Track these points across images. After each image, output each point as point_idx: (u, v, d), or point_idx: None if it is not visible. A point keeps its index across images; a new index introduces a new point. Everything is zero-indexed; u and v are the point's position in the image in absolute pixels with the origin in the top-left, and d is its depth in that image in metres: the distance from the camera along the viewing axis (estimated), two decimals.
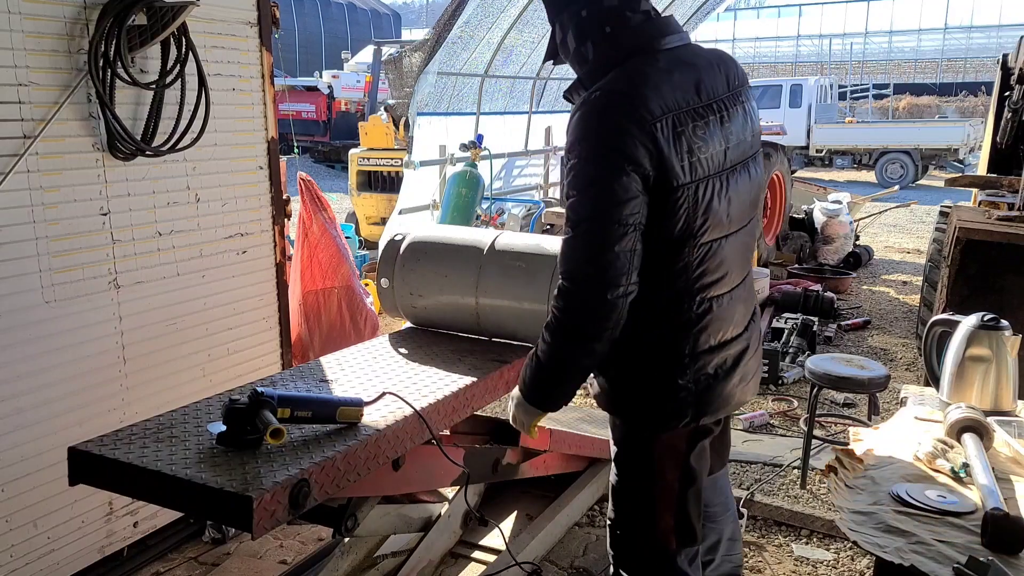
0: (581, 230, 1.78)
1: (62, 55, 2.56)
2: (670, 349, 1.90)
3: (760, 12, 40.00)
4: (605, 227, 1.74)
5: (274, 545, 3.24)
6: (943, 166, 17.35)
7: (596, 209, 1.75)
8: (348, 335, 4.23)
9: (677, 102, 1.79)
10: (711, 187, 1.83)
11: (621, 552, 2.09)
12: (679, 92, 1.81)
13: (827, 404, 4.82)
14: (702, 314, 1.89)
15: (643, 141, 1.73)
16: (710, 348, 1.92)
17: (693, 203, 1.80)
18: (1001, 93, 6.19)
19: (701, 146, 1.81)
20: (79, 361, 2.72)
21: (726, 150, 1.87)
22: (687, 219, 1.81)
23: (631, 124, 1.73)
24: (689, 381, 1.90)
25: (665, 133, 1.75)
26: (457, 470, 2.53)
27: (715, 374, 1.94)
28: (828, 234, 8.58)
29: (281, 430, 1.80)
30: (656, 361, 1.92)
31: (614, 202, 1.73)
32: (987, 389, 2.39)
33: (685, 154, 1.78)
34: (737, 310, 1.99)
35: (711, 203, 1.84)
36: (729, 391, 1.98)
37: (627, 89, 1.78)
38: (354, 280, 4.39)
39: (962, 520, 1.78)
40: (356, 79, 20.59)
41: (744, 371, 2.01)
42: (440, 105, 8.31)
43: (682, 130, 1.78)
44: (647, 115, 1.74)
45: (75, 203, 2.65)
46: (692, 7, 11.71)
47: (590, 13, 1.89)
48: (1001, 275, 4.02)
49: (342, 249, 4.36)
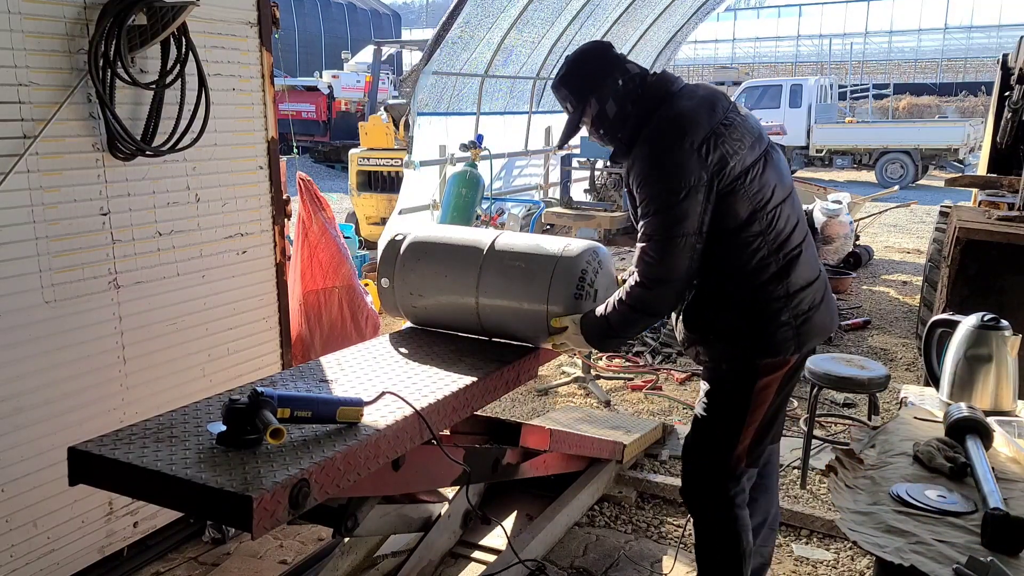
0: (652, 244, 2.26)
1: (62, 55, 2.57)
2: (769, 296, 2.31)
3: (760, 12, 40.01)
4: (672, 242, 2.23)
5: (274, 545, 3.25)
6: (943, 166, 17.33)
7: (664, 229, 2.23)
8: (349, 334, 4.23)
9: (709, 121, 2.26)
10: (757, 170, 2.29)
11: (692, 469, 2.53)
12: (706, 114, 2.28)
13: (827, 404, 4.82)
14: (788, 264, 2.32)
15: (696, 163, 2.20)
16: (800, 288, 2.34)
17: (749, 186, 2.26)
18: (1001, 93, 6.20)
19: (738, 145, 2.27)
20: (79, 361, 2.72)
21: (753, 141, 2.32)
22: (750, 200, 2.26)
23: (684, 153, 2.20)
24: (790, 317, 2.33)
25: (713, 144, 2.22)
26: (457, 470, 2.53)
27: (809, 309, 2.36)
28: (828, 234, 8.56)
29: (281, 430, 1.80)
30: (758, 307, 2.32)
31: (677, 221, 2.21)
32: (987, 389, 2.39)
33: (732, 155, 2.24)
34: (811, 255, 2.42)
35: (764, 180, 2.30)
36: (821, 322, 2.41)
37: (675, 122, 2.27)
38: (355, 279, 4.39)
39: (962, 520, 1.78)
40: (356, 79, 20.61)
41: (828, 303, 2.45)
42: (440, 105, 8.32)
43: (722, 138, 2.25)
44: (697, 136, 2.22)
45: (75, 203, 2.65)
46: (692, 7, 11.73)
47: (624, 81, 2.36)
48: (1001, 275, 4.02)
49: (342, 249, 4.36)
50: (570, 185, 9.46)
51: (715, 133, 2.23)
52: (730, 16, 36.89)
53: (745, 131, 2.30)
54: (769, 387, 2.39)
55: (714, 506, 2.48)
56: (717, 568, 2.53)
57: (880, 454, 2.14)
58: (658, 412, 4.75)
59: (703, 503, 2.52)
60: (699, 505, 2.53)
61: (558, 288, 2.59)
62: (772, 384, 2.39)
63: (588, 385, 5.10)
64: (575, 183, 9.58)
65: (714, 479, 2.47)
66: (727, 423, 2.43)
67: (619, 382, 5.28)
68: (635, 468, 3.91)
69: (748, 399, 2.39)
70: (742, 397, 2.40)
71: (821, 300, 2.40)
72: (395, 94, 21.27)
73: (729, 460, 2.43)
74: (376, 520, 2.51)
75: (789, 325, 2.32)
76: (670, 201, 2.19)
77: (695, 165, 2.19)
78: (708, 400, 2.48)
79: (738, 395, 2.41)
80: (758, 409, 2.40)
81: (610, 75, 2.35)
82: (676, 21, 11.89)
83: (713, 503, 2.48)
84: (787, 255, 2.32)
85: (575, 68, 2.42)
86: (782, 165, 2.41)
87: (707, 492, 2.50)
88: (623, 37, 10.96)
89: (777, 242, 2.31)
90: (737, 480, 2.46)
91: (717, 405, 2.46)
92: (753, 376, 2.38)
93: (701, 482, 2.51)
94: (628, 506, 3.61)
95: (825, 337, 2.55)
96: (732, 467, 2.44)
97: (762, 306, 2.32)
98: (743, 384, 2.40)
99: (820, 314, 2.39)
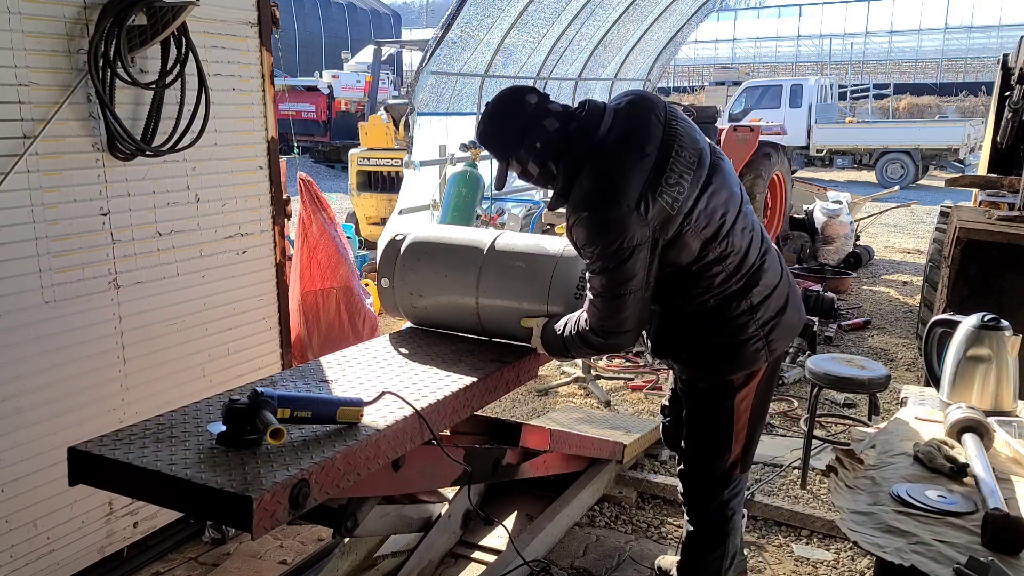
0: (600, 301, 2.24)
1: (62, 55, 2.57)
2: (733, 313, 2.30)
3: (760, 12, 40.04)
4: (619, 299, 2.21)
5: (274, 545, 3.24)
6: (943, 166, 17.33)
7: (611, 288, 2.20)
8: (347, 335, 4.23)
9: (642, 172, 2.14)
10: (703, 204, 2.20)
11: (692, 479, 2.58)
12: (636, 162, 2.15)
13: (827, 404, 4.82)
14: (750, 280, 2.31)
15: (639, 217, 2.11)
16: (764, 298, 2.33)
17: (696, 224, 2.19)
18: (1001, 93, 6.19)
19: (677, 189, 2.16)
20: (79, 361, 2.72)
21: (692, 176, 2.20)
22: (699, 235, 2.21)
23: (625, 210, 2.10)
24: (756, 328, 2.32)
25: (650, 199, 2.12)
26: (457, 470, 2.53)
27: (775, 314, 2.36)
28: (828, 234, 8.57)
29: (281, 430, 1.80)
30: (724, 326, 2.31)
31: (623, 281, 2.17)
32: (987, 389, 2.39)
33: (670, 202, 2.14)
34: (770, 263, 2.38)
35: (711, 209, 2.22)
36: (788, 323, 2.42)
37: (607, 186, 2.14)
38: (353, 280, 4.39)
39: (962, 520, 1.78)
40: (356, 79, 20.62)
41: (794, 302, 2.46)
42: (440, 105, 8.31)
43: (659, 188, 2.14)
44: (631, 197, 2.11)
45: (75, 203, 2.65)
46: (692, 7, 11.73)
47: (542, 141, 2.24)
48: (1001, 275, 4.01)
49: (341, 249, 4.35)
50: None
51: (650, 185, 2.12)
52: (730, 16, 36.92)
53: (684, 166, 2.18)
54: (747, 397, 2.43)
55: (710, 517, 2.57)
56: (699, 565, 2.63)
57: (880, 454, 2.15)
58: (658, 412, 4.75)
59: (701, 515, 2.60)
60: (696, 514, 2.62)
61: (558, 288, 2.59)
62: (750, 394, 2.43)
63: (588, 385, 5.10)
64: None
65: (711, 490, 2.54)
66: (715, 440, 2.48)
67: (619, 382, 5.28)
68: (635, 468, 3.91)
69: (730, 414, 2.43)
70: (723, 414, 2.44)
71: (786, 301, 2.40)
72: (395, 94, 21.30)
73: (723, 470, 2.50)
74: (376, 520, 2.51)
75: (757, 337, 2.32)
76: (615, 261, 2.15)
77: (636, 225, 2.11)
78: (692, 419, 2.53)
79: (719, 412, 2.45)
80: (741, 419, 2.44)
81: (526, 136, 2.23)
82: (676, 21, 11.88)
83: (709, 515, 2.57)
84: (748, 272, 2.30)
85: (491, 128, 2.33)
86: (728, 178, 2.31)
87: (705, 504, 2.58)
88: (623, 37, 10.96)
89: (735, 263, 2.28)
90: (732, 486, 2.53)
91: (701, 423, 2.51)
92: (730, 392, 2.41)
93: (699, 494, 2.59)
94: (628, 506, 3.61)
95: (795, 335, 2.56)
96: (727, 476, 2.51)
97: (727, 325, 2.31)
98: (721, 401, 2.43)
99: (787, 316, 2.40)
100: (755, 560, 3.20)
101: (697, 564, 2.64)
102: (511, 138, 2.28)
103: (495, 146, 2.34)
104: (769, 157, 8.02)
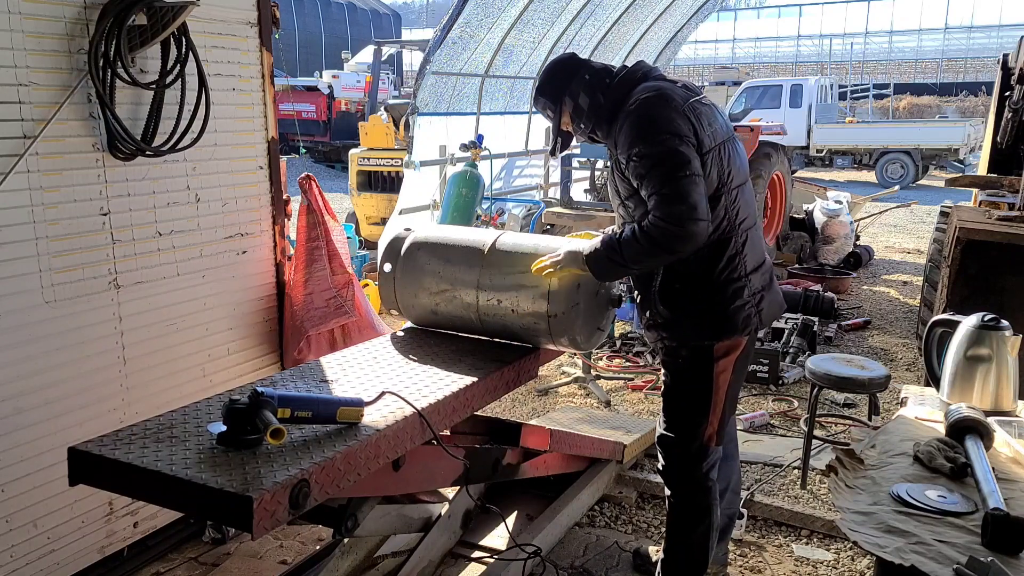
0: (663, 193, 2.32)
1: (62, 55, 2.56)
2: (731, 275, 2.49)
3: (760, 12, 40.04)
4: (682, 180, 2.31)
5: (274, 545, 3.25)
6: (943, 166, 17.33)
7: (673, 173, 2.31)
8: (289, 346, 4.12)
9: (685, 96, 2.46)
10: (726, 149, 2.48)
11: (668, 457, 2.68)
12: (681, 91, 2.48)
13: (827, 404, 4.82)
14: (744, 243, 2.51)
15: (684, 122, 2.37)
16: (755, 268, 2.55)
17: (720, 160, 2.44)
18: (1001, 93, 6.19)
19: (711, 122, 2.46)
20: (79, 361, 2.72)
21: (719, 125, 2.50)
22: (719, 173, 2.44)
23: (672, 112, 2.38)
24: (749, 295, 2.52)
25: (691, 115, 2.40)
26: (457, 470, 2.54)
27: (761, 288, 2.57)
28: (828, 234, 8.57)
29: (281, 430, 1.80)
30: (723, 285, 2.49)
31: (683, 163, 2.32)
32: (987, 389, 2.39)
33: (706, 127, 2.42)
34: (761, 239, 2.65)
35: (731, 159, 2.49)
36: (772, 303, 2.63)
37: (657, 93, 2.43)
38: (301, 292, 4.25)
39: (962, 520, 1.78)
40: (356, 79, 20.61)
41: (774, 288, 2.67)
42: (440, 105, 8.31)
43: (698, 112, 2.43)
44: (678, 104, 2.41)
45: (75, 203, 2.65)
46: (692, 7, 11.73)
47: (590, 75, 2.56)
48: (1001, 275, 4.01)
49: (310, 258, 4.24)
50: (570, 185, 9.46)
51: (690, 106, 2.42)
52: (730, 16, 36.93)
53: (713, 113, 2.50)
54: (726, 369, 2.57)
55: (691, 488, 2.67)
56: (686, 540, 2.70)
57: (880, 454, 2.14)
58: (658, 412, 4.74)
59: (681, 487, 2.69)
60: (677, 487, 2.70)
61: (558, 288, 2.59)
62: (728, 366, 2.57)
63: (588, 385, 5.10)
64: (575, 183, 9.57)
65: (690, 464, 2.65)
66: (694, 411, 2.60)
67: (619, 382, 5.28)
68: (635, 468, 3.91)
69: (710, 384, 2.57)
70: (704, 384, 2.58)
71: (769, 282, 2.63)
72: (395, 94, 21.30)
73: (701, 444, 2.61)
74: (376, 520, 2.51)
75: (750, 303, 2.53)
76: (669, 148, 2.32)
77: (683, 121, 2.37)
78: (673, 392, 2.66)
79: (700, 383, 2.58)
80: (720, 391, 2.58)
81: (575, 74, 2.57)
82: (676, 21, 11.88)
83: (689, 486, 2.67)
84: (744, 232, 2.51)
85: (545, 78, 2.65)
86: (742, 157, 2.61)
87: (685, 477, 2.67)
88: (623, 37, 10.95)
89: (738, 218, 2.50)
90: (709, 458, 2.64)
91: (682, 394, 2.63)
92: (709, 361, 2.55)
93: (678, 468, 2.68)
94: (628, 506, 3.61)
95: (780, 313, 2.77)
96: (704, 449, 2.62)
97: (725, 287, 2.49)
98: (702, 371, 2.57)
99: (771, 295, 2.62)
100: (755, 560, 3.20)
101: (686, 540, 2.70)
102: (563, 78, 2.59)
103: (548, 92, 2.62)
104: (769, 157, 8.02)
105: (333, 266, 3.73)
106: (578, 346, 2.77)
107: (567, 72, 2.60)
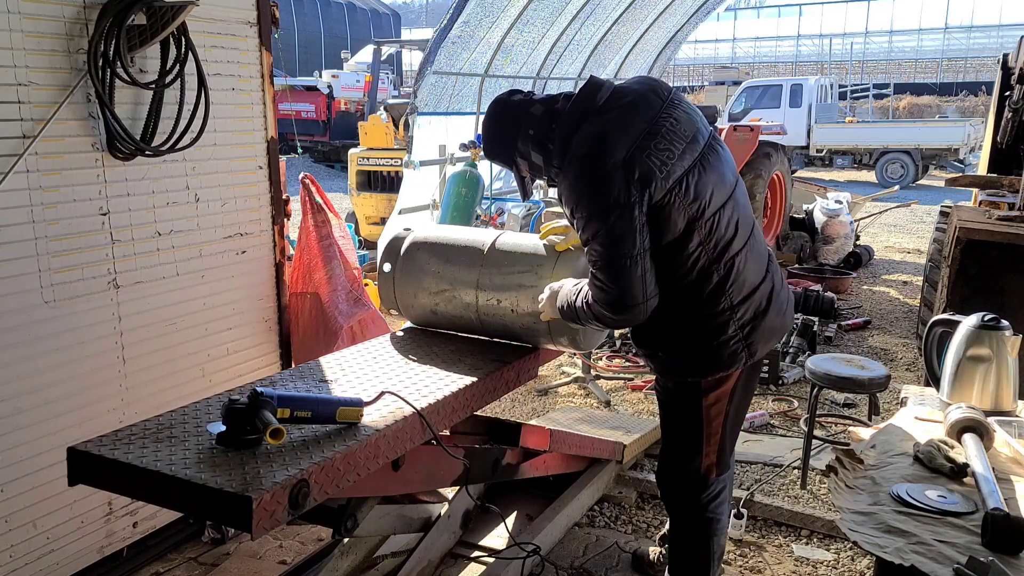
0: (600, 271, 2.18)
1: (62, 55, 2.56)
2: (713, 309, 2.27)
3: (760, 12, 40.01)
4: (618, 264, 2.13)
5: (274, 545, 3.24)
6: (943, 166, 17.33)
7: (608, 253, 2.14)
8: (320, 343, 4.14)
9: (630, 134, 2.15)
10: (692, 178, 2.18)
11: (666, 481, 2.58)
12: (626, 126, 2.17)
13: (827, 404, 4.82)
14: (729, 271, 2.25)
15: (625, 180, 2.10)
16: (744, 298, 2.29)
17: (683, 197, 2.16)
18: (1001, 93, 6.19)
19: (666, 155, 2.15)
20: (79, 361, 2.72)
21: (684, 148, 2.20)
22: (686, 210, 2.17)
23: (610, 170, 2.11)
24: (736, 329, 2.29)
25: (637, 164, 2.11)
26: (457, 470, 2.53)
27: (754, 316, 2.31)
28: (828, 234, 8.58)
29: (281, 430, 1.80)
30: (703, 323, 2.28)
31: (617, 241, 2.12)
32: (987, 389, 2.39)
33: (661, 167, 2.13)
34: (753, 260, 2.33)
35: (697, 189, 2.19)
36: (770, 326, 2.37)
37: (592, 147, 2.17)
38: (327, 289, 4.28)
39: (962, 520, 1.78)
40: (356, 79, 20.61)
41: (778, 305, 2.39)
42: (440, 105, 8.31)
43: (647, 151, 2.13)
44: (617, 154, 2.11)
45: (75, 203, 2.65)
46: (692, 7, 11.72)
47: (533, 127, 2.31)
48: (1001, 275, 4.01)
49: (327, 256, 4.26)
50: None
51: (638, 147, 2.13)
52: (730, 16, 36.93)
53: (675, 137, 2.19)
54: (720, 401, 2.39)
55: (688, 515, 2.56)
56: (685, 566, 2.61)
57: (880, 454, 2.14)
58: (658, 412, 4.74)
59: (678, 513, 2.60)
60: (674, 514, 2.63)
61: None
62: (722, 397, 2.39)
63: (588, 385, 5.10)
64: None
65: (687, 494, 2.52)
66: (686, 443, 2.47)
67: (619, 382, 5.28)
68: (635, 468, 3.91)
69: (699, 418, 2.41)
70: (693, 417, 2.42)
71: (768, 303, 2.35)
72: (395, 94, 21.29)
73: (698, 474, 2.47)
74: (376, 520, 2.51)
75: (736, 338, 2.29)
76: (604, 221, 2.11)
77: (620, 182, 2.09)
78: (664, 421, 2.56)
79: (689, 415, 2.43)
80: (713, 423, 2.41)
81: (519, 130, 2.33)
82: (676, 21, 11.87)
83: (686, 513, 2.56)
84: (729, 260, 2.25)
85: (488, 137, 2.43)
86: (724, 164, 2.31)
87: (681, 505, 2.57)
88: (623, 37, 10.95)
89: (718, 248, 2.23)
90: (709, 489, 2.50)
91: (672, 426, 2.52)
92: (697, 395, 2.38)
93: (675, 498, 2.58)
94: (628, 506, 3.61)
95: (779, 339, 2.52)
96: (702, 479, 2.48)
97: (707, 322, 2.28)
98: (690, 405, 2.41)
99: (768, 319, 2.35)
100: (755, 560, 3.20)
101: (686, 567, 2.61)
102: (508, 136, 2.36)
103: (499, 151, 2.41)
104: (769, 157, 8.03)
105: (345, 262, 3.77)
106: (578, 346, 2.76)
107: (509, 130, 2.35)
